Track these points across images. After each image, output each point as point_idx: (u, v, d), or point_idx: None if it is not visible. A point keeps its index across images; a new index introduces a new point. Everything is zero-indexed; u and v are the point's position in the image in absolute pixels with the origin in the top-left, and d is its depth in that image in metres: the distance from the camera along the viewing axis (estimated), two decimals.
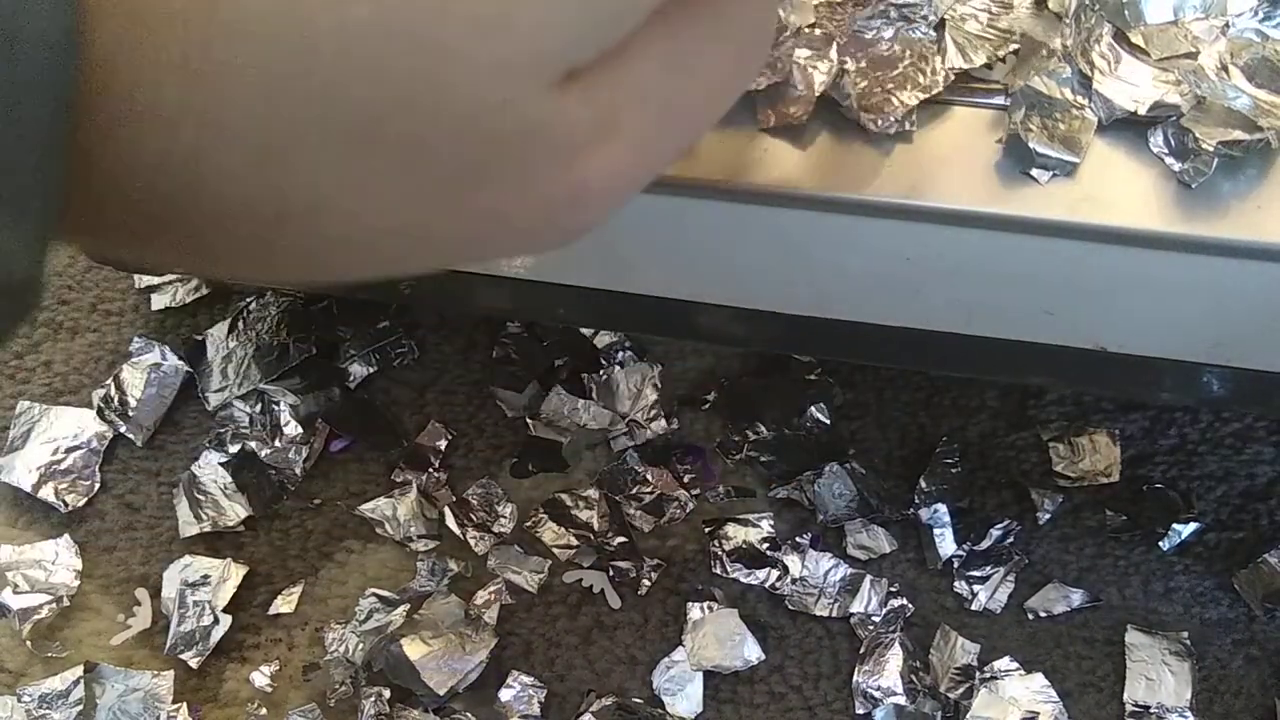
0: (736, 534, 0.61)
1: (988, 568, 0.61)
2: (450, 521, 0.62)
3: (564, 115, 0.24)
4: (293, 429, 0.64)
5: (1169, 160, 0.44)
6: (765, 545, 0.61)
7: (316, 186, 0.22)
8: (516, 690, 0.59)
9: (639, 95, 0.26)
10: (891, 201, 0.49)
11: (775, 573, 0.60)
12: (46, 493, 0.64)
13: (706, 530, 0.62)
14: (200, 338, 0.67)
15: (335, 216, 0.23)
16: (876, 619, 0.59)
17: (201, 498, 0.63)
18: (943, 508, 0.61)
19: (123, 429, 0.65)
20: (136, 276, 0.70)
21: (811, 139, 0.50)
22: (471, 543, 0.62)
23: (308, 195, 0.22)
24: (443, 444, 0.65)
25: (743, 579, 0.60)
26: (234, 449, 0.64)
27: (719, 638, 0.58)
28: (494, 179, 0.25)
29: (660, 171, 0.29)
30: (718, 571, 0.61)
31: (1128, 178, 0.45)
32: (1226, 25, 0.43)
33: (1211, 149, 0.42)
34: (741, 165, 0.50)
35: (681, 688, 0.58)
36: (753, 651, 0.58)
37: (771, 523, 0.61)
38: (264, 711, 0.59)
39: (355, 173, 0.22)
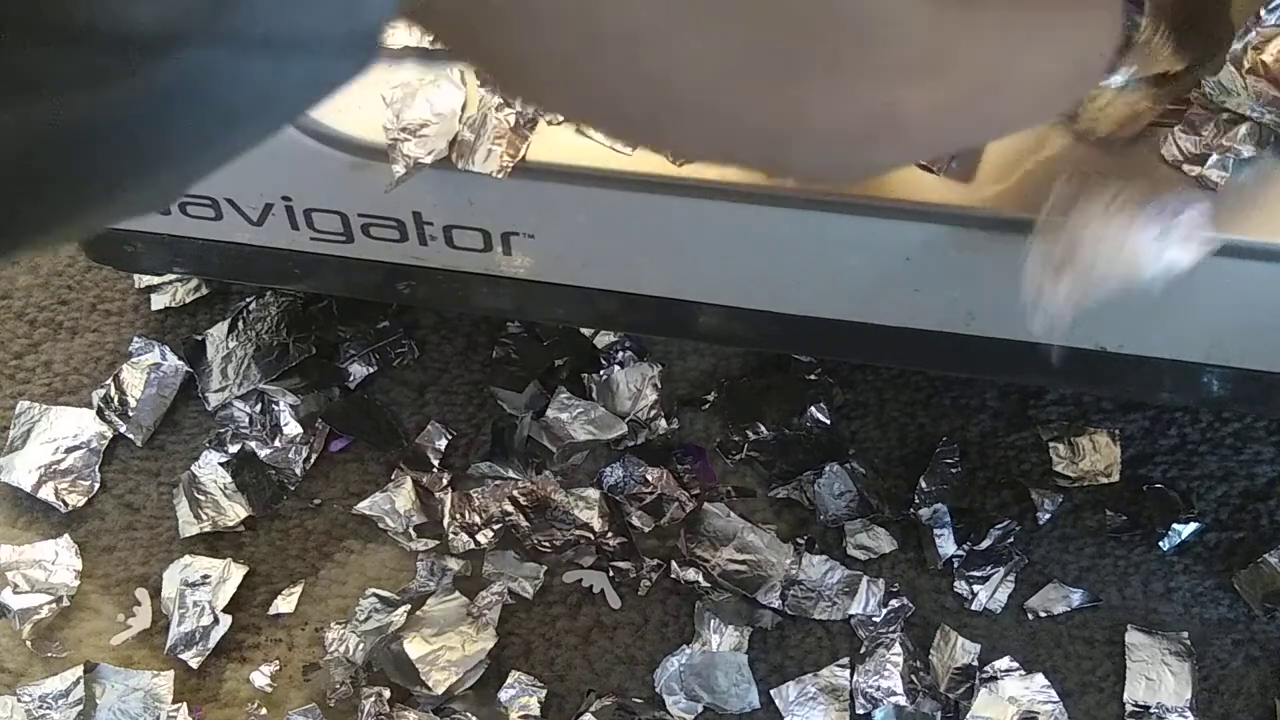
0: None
1: (988, 568, 0.61)
2: (449, 521, 0.62)
3: (910, 24, 0.24)
4: (293, 429, 0.64)
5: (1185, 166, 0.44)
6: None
7: (634, 13, 0.22)
8: (516, 690, 0.59)
9: (981, 43, 0.26)
10: (891, 201, 0.49)
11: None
12: (46, 493, 0.64)
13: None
14: (200, 338, 0.67)
15: (652, 55, 0.23)
16: (876, 619, 0.59)
17: (201, 498, 0.63)
18: (943, 508, 0.61)
19: (123, 429, 0.65)
20: (136, 276, 0.70)
21: None
22: (471, 543, 0.62)
23: (624, 21, 0.22)
24: (443, 444, 0.65)
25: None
26: (234, 449, 0.64)
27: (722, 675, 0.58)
28: (815, 67, 0.24)
29: (972, 142, 0.29)
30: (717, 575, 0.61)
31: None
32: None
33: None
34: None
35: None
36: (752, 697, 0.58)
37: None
38: (264, 711, 0.59)
39: (676, 9, 0.22)
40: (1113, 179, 0.42)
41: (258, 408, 0.65)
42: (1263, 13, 0.42)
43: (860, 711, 0.58)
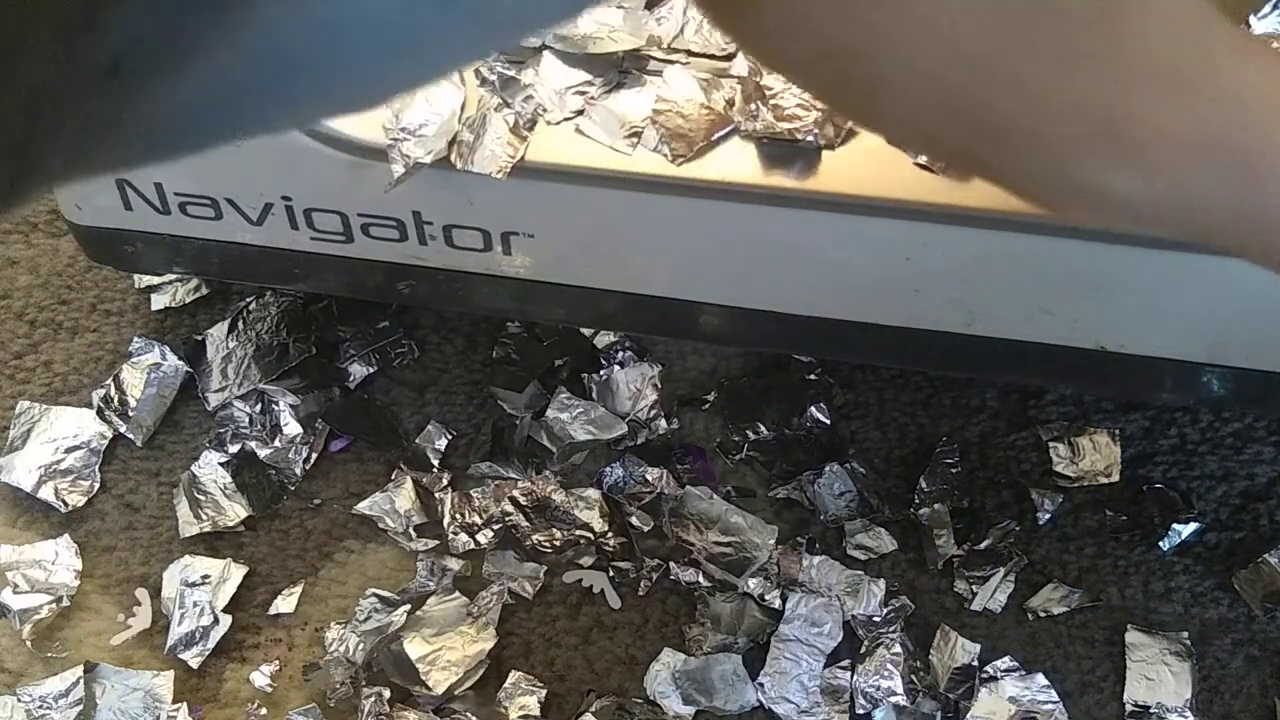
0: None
1: (988, 568, 0.61)
2: (449, 521, 0.62)
3: (1180, 32, 0.23)
4: (293, 429, 0.64)
5: None
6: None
7: None
8: (516, 690, 0.59)
9: (1254, 71, 0.24)
10: (891, 202, 0.49)
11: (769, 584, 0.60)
12: (46, 493, 0.64)
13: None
14: (200, 338, 0.67)
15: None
16: (876, 619, 0.59)
17: (201, 498, 0.63)
18: (943, 508, 0.61)
19: (123, 429, 0.65)
20: (136, 276, 0.70)
21: (813, 141, 0.50)
22: (471, 543, 0.62)
23: None
24: (443, 444, 0.65)
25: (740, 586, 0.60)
26: (234, 449, 0.64)
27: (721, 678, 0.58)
28: (1049, 45, 0.23)
29: (1203, 195, 0.26)
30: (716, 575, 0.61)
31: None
32: None
33: None
34: (743, 166, 0.50)
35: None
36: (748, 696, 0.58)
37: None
38: (264, 711, 0.59)
39: None
40: None
41: (258, 408, 0.65)
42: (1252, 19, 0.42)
43: (860, 711, 0.58)
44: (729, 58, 0.52)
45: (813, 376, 0.65)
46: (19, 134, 0.17)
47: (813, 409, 0.64)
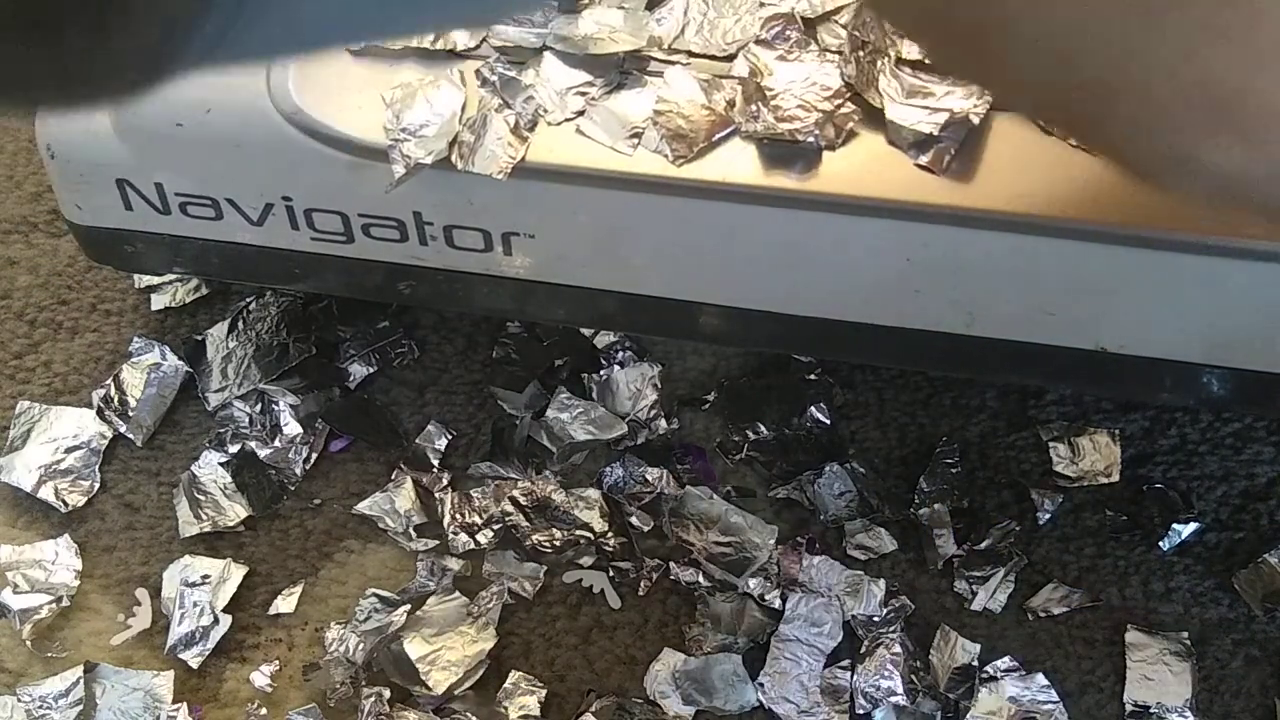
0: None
1: (988, 568, 0.61)
2: (449, 521, 0.62)
3: None
4: (293, 429, 0.64)
5: None
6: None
7: None
8: (516, 690, 0.59)
9: None
10: (892, 202, 0.49)
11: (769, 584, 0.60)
12: (46, 493, 0.64)
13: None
14: (200, 338, 0.67)
15: None
16: (876, 619, 0.59)
17: (201, 498, 0.63)
18: (943, 508, 0.61)
19: (123, 429, 0.65)
20: (136, 276, 0.70)
21: (813, 141, 0.50)
22: (471, 543, 0.62)
23: None
24: (443, 444, 0.65)
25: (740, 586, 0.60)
26: (234, 449, 0.64)
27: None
28: (1170, 13, 0.22)
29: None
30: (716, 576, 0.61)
31: (1129, 178, 0.45)
32: None
33: None
34: (742, 167, 0.50)
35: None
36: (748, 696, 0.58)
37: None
38: (264, 711, 0.59)
39: None
40: None
41: (258, 408, 0.65)
42: None
43: (860, 711, 0.58)
44: (729, 58, 0.52)
45: (813, 376, 0.65)
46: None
47: (813, 409, 0.64)
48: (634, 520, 0.62)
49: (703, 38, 0.52)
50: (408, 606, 0.60)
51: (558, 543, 0.62)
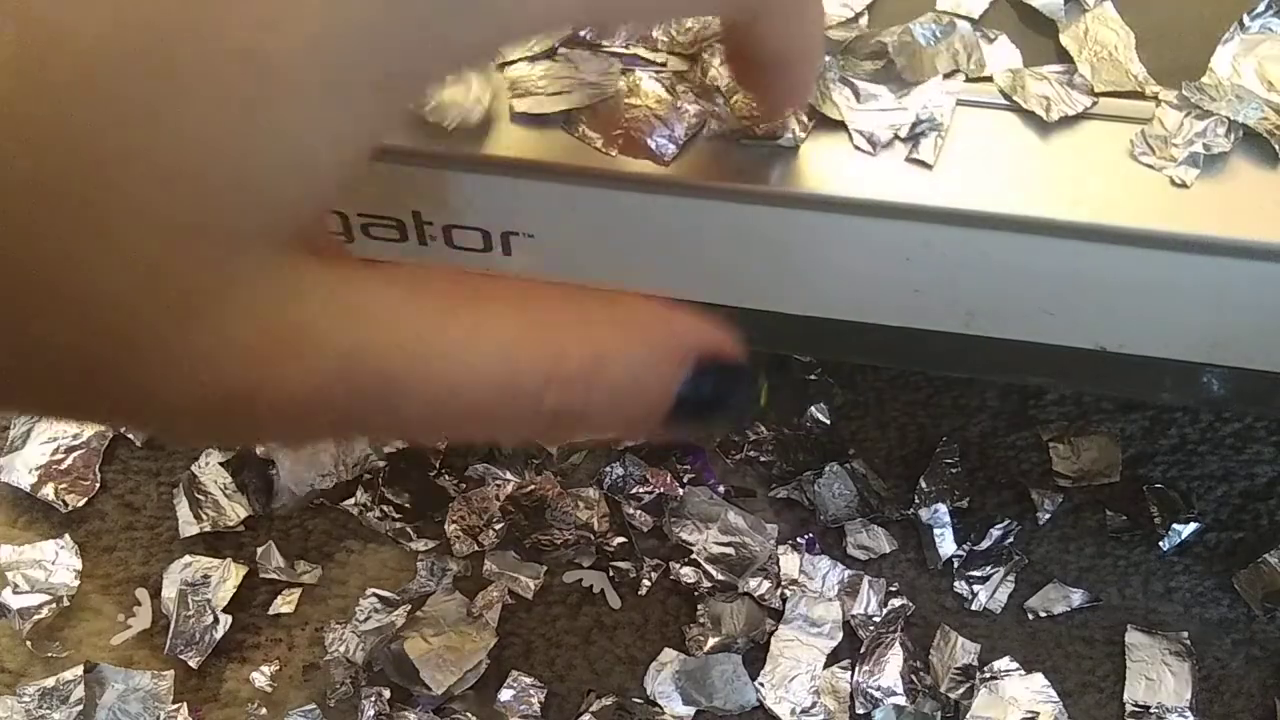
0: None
1: (988, 568, 0.61)
2: (450, 522, 0.62)
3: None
4: None
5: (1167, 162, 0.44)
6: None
7: None
8: (516, 690, 0.59)
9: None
10: (891, 201, 0.49)
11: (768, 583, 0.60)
12: (46, 493, 0.64)
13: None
14: None
15: None
16: (876, 619, 0.59)
17: (201, 498, 0.63)
18: (943, 508, 0.61)
19: (122, 428, 0.65)
20: None
21: (810, 140, 0.50)
22: (471, 543, 0.62)
23: None
24: (442, 444, 0.65)
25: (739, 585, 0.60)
26: (234, 448, 0.64)
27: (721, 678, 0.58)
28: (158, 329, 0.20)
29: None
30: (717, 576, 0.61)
31: (1128, 177, 0.45)
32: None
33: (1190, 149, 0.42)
34: (742, 166, 0.50)
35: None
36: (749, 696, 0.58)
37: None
38: (264, 711, 0.59)
39: None
40: None
41: None
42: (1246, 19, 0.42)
43: (860, 711, 0.58)
44: (694, 59, 0.52)
45: (813, 376, 0.65)
46: None
47: (813, 409, 0.64)
48: (634, 520, 0.62)
49: (668, 35, 0.52)
50: (408, 606, 0.60)
51: (558, 543, 0.62)
